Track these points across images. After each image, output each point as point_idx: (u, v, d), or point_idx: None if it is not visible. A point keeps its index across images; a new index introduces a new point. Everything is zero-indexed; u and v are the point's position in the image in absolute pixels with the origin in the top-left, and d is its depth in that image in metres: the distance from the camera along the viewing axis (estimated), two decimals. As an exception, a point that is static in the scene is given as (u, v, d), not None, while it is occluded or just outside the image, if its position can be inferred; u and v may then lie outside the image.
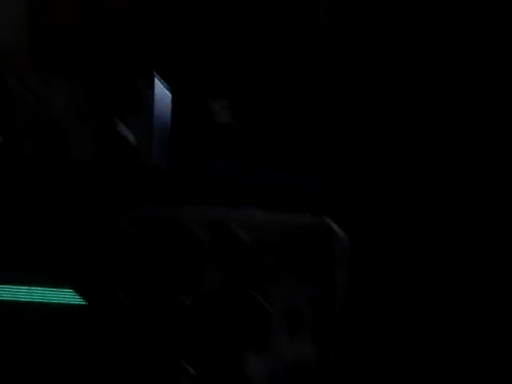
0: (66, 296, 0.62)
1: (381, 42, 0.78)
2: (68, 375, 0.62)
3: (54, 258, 0.61)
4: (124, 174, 0.61)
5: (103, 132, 0.59)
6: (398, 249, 0.73)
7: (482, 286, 0.75)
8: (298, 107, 0.77)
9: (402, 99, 0.76)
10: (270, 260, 0.62)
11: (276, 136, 0.74)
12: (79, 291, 0.61)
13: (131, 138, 0.59)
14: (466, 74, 0.76)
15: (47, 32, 0.77)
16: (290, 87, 0.78)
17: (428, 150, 0.76)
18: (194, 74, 0.76)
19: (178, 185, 0.64)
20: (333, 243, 0.61)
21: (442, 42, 0.77)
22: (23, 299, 0.62)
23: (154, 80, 0.60)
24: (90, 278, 0.61)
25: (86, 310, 0.61)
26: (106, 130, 0.59)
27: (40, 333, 0.62)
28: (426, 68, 0.77)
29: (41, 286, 0.61)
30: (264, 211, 0.62)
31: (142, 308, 0.61)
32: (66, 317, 0.61)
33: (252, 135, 0.74)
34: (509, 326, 0.74)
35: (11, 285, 0.61)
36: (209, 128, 0.73)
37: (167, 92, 0.61)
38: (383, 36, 0.78)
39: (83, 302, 0.61)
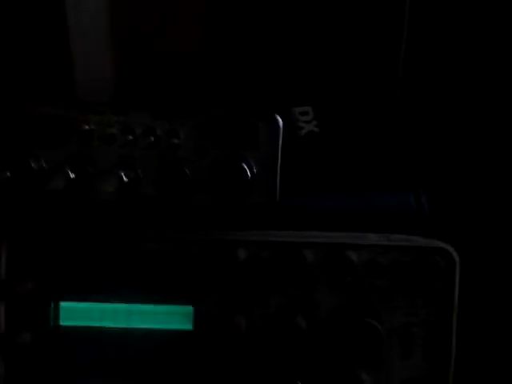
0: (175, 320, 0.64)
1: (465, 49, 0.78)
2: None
3: (174, 281, 0.63)
4: (240, 209, 0.63)
5: (223, 169, 0.61)
6: (508, 268, 0.73)
7: None
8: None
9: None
10: (382, 282, 0.63)
11: (372, 152, 0.74)
12: (195, 315, 0.63)
13: (249, 173, 0.61)
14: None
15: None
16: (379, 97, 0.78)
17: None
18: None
19: (284, 213, 0.65)
20: (447, 265, 0.62)
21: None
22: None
23: (276, 122, 0.61)
24: (207, 302, 0.63)
25: (198, 335, 0.63)
26: (224, 167, 0.61)
27: (149, 360, 0.64)
28: None
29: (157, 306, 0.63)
30: (374, 234, 0.63)
31: (258, 332, 0.63)
32: (176, 342, 0.64)
33: (340, 144, 0.74)
34: None
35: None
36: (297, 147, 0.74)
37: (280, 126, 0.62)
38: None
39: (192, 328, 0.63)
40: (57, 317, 0.64)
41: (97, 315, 0.64)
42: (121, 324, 0.64)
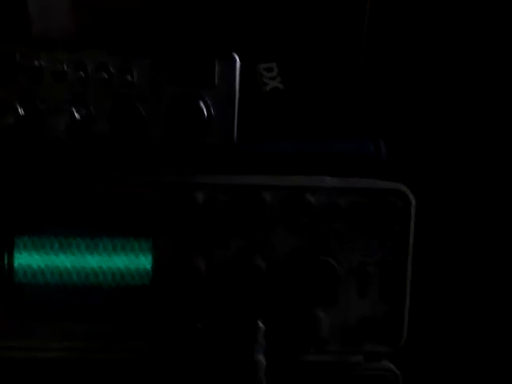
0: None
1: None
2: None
3: (131, 223, 0.63)
4: (197, 148, 0.62)
5: (178, 107, 0.60)
6: (461, 214, 0.75)
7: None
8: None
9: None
10: (340, 224, 0.64)
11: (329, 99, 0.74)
12: (154, 258, 0.63)
13: (205, 112, 0.60)
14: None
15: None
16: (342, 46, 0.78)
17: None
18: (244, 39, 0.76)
19: (242, 157, 0.65)
20: (403, 206, 0.63)
21: None
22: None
23: (233, 59, 0.60)
24: (166, 245, 0.63)
25: (157, 277, 0.64)
26: (180, 105, 0.60)
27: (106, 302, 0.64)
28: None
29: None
30: (332, 177, 0.64)
31: (218, 273, 0.64)
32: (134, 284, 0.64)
33: (304, 99, 0.74)
34: None
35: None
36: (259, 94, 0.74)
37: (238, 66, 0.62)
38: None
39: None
40: (10, 256, 0.64)
41: (53, 252, 0.64)
42: (78, 261, 0.64)
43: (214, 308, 0.64)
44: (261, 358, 0.58)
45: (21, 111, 0.60)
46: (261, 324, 0.63)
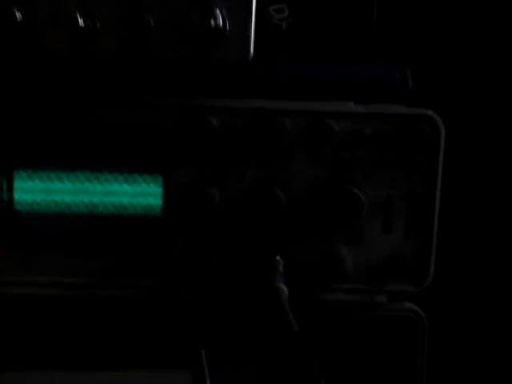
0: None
1: None
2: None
3: (140, 149, 0.59)
4: (210, 65, 0.58)
5: (190, 16, 0.55)
6: (491, 145, 0.70)
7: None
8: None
9: None
10: (364, 154, 0.60)
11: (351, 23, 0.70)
12: (165, 187, 0.59)
13: (220, 21, 0.55)
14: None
15: None
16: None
17: None
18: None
19: (262, 80, 0.61)
20: (432, 132, 0.59)
21: None
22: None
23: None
24: (178, 173, 0.59)
25: (168, 210, 0.60)
26: (192, 13, 0.55)
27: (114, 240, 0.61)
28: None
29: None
30: (357, 104, 0.60)
31: (233, 205, 0.60)
32: (143, 218, 0.60)
33: (319, 30, 0.70)
34: None
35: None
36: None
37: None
38: None
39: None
40: (10, 189, 0.60)
41: (55, 186, 0.60)
42: (82, 196, 0.60)
43: (230, 242, 0.60)
44: (282, 286, 0.54)
45: (18, 16, 0.55)
46: (279, 258, 0.59)
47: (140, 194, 0.60)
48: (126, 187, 0.60)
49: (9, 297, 0.59)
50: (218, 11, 0.55)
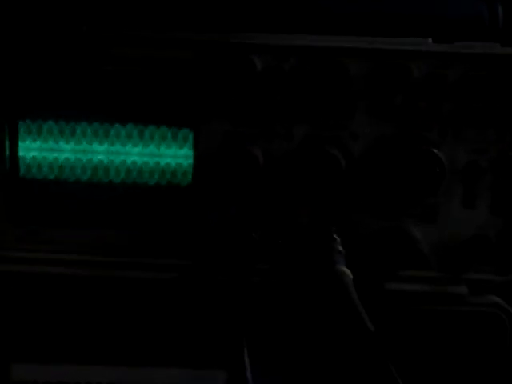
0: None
1: None
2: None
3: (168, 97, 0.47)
4: None
5: None
6: None
7: None
8: None
9: None
10: (446, 105, 0.47)
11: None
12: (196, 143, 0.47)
13: None
14: None
15: None
16: None
17: None
18: None
19: (319, 8, 0.49)
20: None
21: None
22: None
23: None
24: (212, 127, 0.48)
25: (199, 173, 0.48)
26: None
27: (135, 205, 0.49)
28: None
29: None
30: (438, 42, 0.47)
31: (279, 169, 0.48)
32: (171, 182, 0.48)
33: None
34: None
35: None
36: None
37: None
38: None
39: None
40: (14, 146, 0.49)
41: (67, 145, 0.49)
42: (98, 154, 0.49)
43: (276, 214, 0.48)
44: (345, 269, 0.42)
45: None
46: (335, 236, 0.47)
47: (166, 154, 0.48)
48: (149, 145, 0.48)
49: (16, 275, 0.49)
50: None
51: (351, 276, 0.42)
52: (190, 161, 0.49)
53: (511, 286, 0.52)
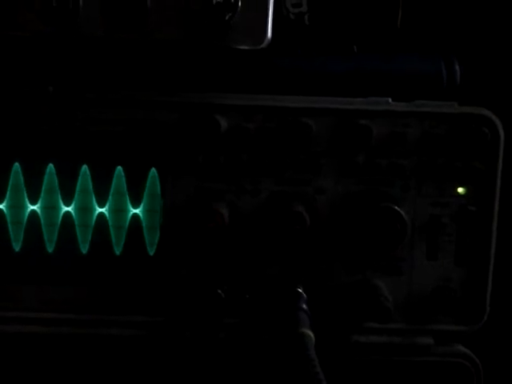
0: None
1: None
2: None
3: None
4: (218, 53, 0.47)
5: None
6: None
7: None
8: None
9: None
10: (407, 162, 0.49)
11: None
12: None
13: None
14: None
15: None
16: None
17: None
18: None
19: (279, 73, 0.50)
20: (491, 138, 0.48)
21: None
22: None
23: None
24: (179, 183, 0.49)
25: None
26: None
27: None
28: None
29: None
30: (400, 101, 0.49)
31: (244, 226, 0.49)
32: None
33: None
34: None
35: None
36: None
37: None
38: None
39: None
40: None
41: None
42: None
43: (239, 270, 0.49)
44: (308, 331, 0.42)
45: None
46: (302, 292, 0.48)
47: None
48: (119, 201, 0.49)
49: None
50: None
51: (313, 339, 0.43)
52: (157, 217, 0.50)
53: (476, 336, 0.53)
